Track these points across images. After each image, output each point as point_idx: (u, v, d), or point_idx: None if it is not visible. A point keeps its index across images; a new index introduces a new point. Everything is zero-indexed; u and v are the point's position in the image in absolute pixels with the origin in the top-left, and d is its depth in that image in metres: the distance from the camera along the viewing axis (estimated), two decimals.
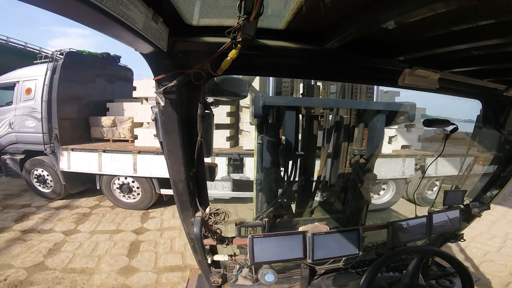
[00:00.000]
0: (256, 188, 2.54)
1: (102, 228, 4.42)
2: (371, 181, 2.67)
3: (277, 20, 0.89)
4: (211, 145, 1.09)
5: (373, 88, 2.68)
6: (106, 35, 0.62)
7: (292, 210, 2.70)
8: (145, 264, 3.42)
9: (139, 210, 5.12)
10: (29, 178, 5.59)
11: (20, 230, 4.20)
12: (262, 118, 2.30)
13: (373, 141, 2.46)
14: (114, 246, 3.85)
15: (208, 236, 1.22)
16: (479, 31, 0.73)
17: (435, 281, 1.57)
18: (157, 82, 0.85)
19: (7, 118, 5.59)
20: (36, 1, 0.47)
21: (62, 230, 4.30)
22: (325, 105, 2.66)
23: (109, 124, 5.62)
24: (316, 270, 1.48)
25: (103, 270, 3.27)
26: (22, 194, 5.89)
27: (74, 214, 4.91)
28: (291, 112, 2.32)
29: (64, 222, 4.58)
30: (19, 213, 4.88)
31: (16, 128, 5.53)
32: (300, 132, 2.60)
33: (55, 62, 5.18)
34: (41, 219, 4.69)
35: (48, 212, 5.01)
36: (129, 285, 3.01)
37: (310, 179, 2.76)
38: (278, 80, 2.49)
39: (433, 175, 5.17)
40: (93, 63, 6.15)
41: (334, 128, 2.74)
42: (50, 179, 5.48)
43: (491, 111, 1.52)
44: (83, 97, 5.85)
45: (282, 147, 2.45)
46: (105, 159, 4.92)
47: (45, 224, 4.51)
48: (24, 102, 5.41)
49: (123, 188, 5.10)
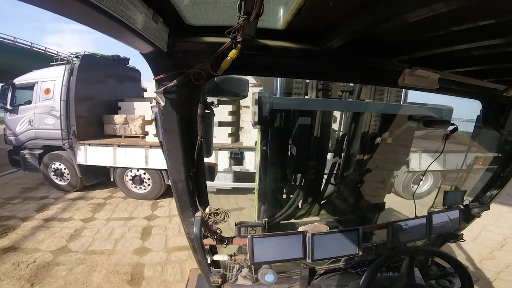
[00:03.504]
0: (257, 199, 2.32)
1: (117, 216, 4.90)
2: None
3: (277, 20, 0.88)
4: (211, 145, 1.09)
5: (402, 90, 2.22)
6: (106, 35, 0.62)
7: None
8: (157, 245, 3.90)
9: (149, 200, 5.62)
10: (47, 172, 6.07)
11: (42, 219, 4.65)
12: (268, 122, 1.96)
13: (398, 153, 2.16)
14: (129, 231, 4.33)
15: (208, 236, 1.22)
16: (479, 31, 0.73)
17: (435, 281, 1.57)
18: (157, 82, 0.85)
19: (27, 116, 6.06)
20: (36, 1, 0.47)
21: (80, 218, 4.77)
22: (349, 108, 2.30)
23: (122, 122, 6.12)
24: (316, 270, 1.48)
25: (119, 251, 3.71)
26: (38, 187, 6.39)
27: (90, 204, 5.41)
28: (304, 117, 2.01)
29: (82, 211, 5.05)
30: (38, 204, 5.34)
31: (35, 125, 6.00)
32: (312, 140, 2.24)
33: (72, 64, 5.66)
34: (60, 209, 5.15)
35: (66, 203, 5.49)
36: (143, 263, 3.44)
37: (317, 196, 2.46)
38: (288, 78, 2.06)
39: (417, 170, 5.55)
40: (105, 65, 6.61)
41: (352, 135, 2.35)
42: (67, 172, 5.98)
43: (491, 111, 1.52)
44: (97, 97, 6.30)
45: (291, 156, 2.14)
46: (120, 153, 5.40)
47: (64, 213, 4.98)
48: (43, 101, 5.89)
49: (135, 180, 5.60)
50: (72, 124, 5.59)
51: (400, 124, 2.17)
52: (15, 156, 6.45)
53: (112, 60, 6.88)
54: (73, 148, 5.66)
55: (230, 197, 5.35)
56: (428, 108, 2.04)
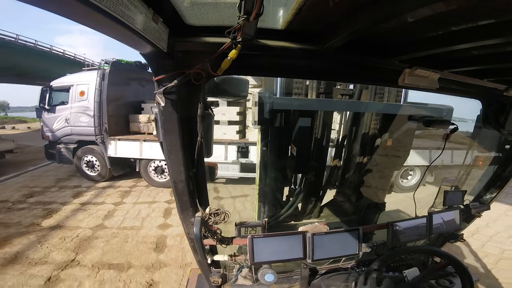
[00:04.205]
0: (258, 199, 2.34)
1: (142, 200, 5.81)
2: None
3: (277, 20, 0.88)
4: (211, 145, 1.09)
5: (402, 91, 2.23)
6: (106, 35, 0.62)
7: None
8: (176, 222, 4.58)
9: (168, 188, 6.40)
10: (79, 164, 7.05)
11: (79, 203, 5.56)
12: (268, 123, 1.95)
13: (398, 152, 2.16)
14: (153, 211, 5.20)
15: (208, 236, 1.22)
16: (479, 31, 0.73)
17: (435, 281, 1.57)
18: (157, 82, 0.85)
19: (63, 115, 7.04)
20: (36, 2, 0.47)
21: (111, 202, 5.71)
22: (349, 108, 2.30)
23: (145, 121, 6.96)
24: (316, 270, 1.48)
25: (146, 227, 4.54)
26: (70, 178, 7.46)
27: (118, 191, 6.39)
28: (305, 117, 2.00)
29: (112, 197, 6.02)
30: (73, 191, 6.31)
31: (71, 123, 6.97)
32: (312, 140, 2.25)
33: (103, 70, 6.63)
34: (93, 195, 6.10)
35: (97, 190, 6.47)
36: (165, 235, 4.25)
37: (318, 196, 2.48)
38: (288, 78, 2.05)
39: (404, 165, 5.91)
40: (129, 70, 7.58)
41: (351, 136, 2.35)
42: (97, 164, 6.96)
43: (491, 111, 1.52)
44: (124, 98, 7.22)
45: (291, 157, 2.14)
46: (145, 147, 6.28)
47: (97, 198, 5.92)
48: (78, 102, 6.84)
49: (157, 170, 6.50)
50: (104, 122, 6.48)
51: (400, 124, 2.16)
52: (51, 150, 7.38)
53: (135, 65, 7.77)
54: (105, 142, 6.58)
55: (237, 186, 6.19)
56: (428, 108, 2.03)
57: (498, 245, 3.94)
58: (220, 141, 5.82)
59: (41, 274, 3.17)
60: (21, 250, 3.73)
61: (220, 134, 5.99)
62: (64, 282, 3.05)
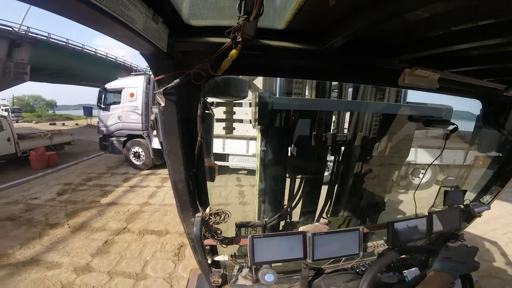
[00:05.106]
0: (258, 199, 2.36)
1: None
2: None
3: (277, 20, 0.88)
4: (211, 145, 1.09)
5: (401, 91, 2.19)
6: (106, 35, 0.62)
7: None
8: None
9: None
10: (128, 154, 8.63)
11: (128, 186, 7.00)
12: (268, 123, 1.96)
13: (398, 152, 2.17)
14: None
15: (208, 236, 1.21)
16: (479, 31, 0.73)
17: None
18: (157, 83, 0.85)
19: (116, 113, 8.55)
20: (36, 1, 0.47)
21: (154, 185, 7.05)
22: (349, 108, 2.29)
23: None
24: (316, 270, 1.47)
25: None
26: (119, 166, 9.09)
27: (159, 177, 7.77)
28: (305, 117, 2.00)
29: (154, 182, 7.39)
30: (123, 177, 7.80)
31: (123, 120, 8.46)
32: (312, 140, 2.19)
33: (148, 75, 8.21)
34: (139, 180, 7.53)
35: (142, 176, 7.90)
36: None
37: (317, 196, 2.46)
38: (288, 78, 2.03)
39: (412, 162, 6.51)
40: None
41: (351, 135, 2.32)
42: (143, 154, 8.52)
43: (491, 111, 1.52)
44: None
45: (291, 156, 2.15)
46: None
47: (142, 182, 7.34)
48: (129, 102, 8.32)
49: None
50: (150, 119, 7.14)
51: (400, 124, 2.16)
52: (105, 143, 8.96)
53: None
54: (150, 136, 7.99)
55: (244, 176, 7.55)
56: (428, 108, 2.02)
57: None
58: (243, 137, 6.92)
59: (100, 238, 4.27)
60: (85, 220, 4.91)
61: (243, 131, 7.05)
62: (118, 244, 4.13)
